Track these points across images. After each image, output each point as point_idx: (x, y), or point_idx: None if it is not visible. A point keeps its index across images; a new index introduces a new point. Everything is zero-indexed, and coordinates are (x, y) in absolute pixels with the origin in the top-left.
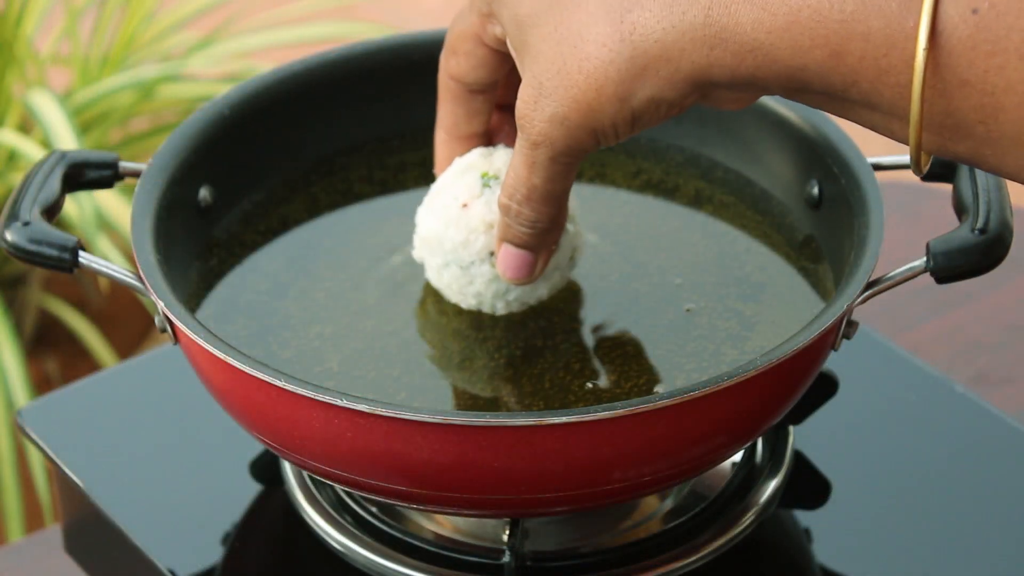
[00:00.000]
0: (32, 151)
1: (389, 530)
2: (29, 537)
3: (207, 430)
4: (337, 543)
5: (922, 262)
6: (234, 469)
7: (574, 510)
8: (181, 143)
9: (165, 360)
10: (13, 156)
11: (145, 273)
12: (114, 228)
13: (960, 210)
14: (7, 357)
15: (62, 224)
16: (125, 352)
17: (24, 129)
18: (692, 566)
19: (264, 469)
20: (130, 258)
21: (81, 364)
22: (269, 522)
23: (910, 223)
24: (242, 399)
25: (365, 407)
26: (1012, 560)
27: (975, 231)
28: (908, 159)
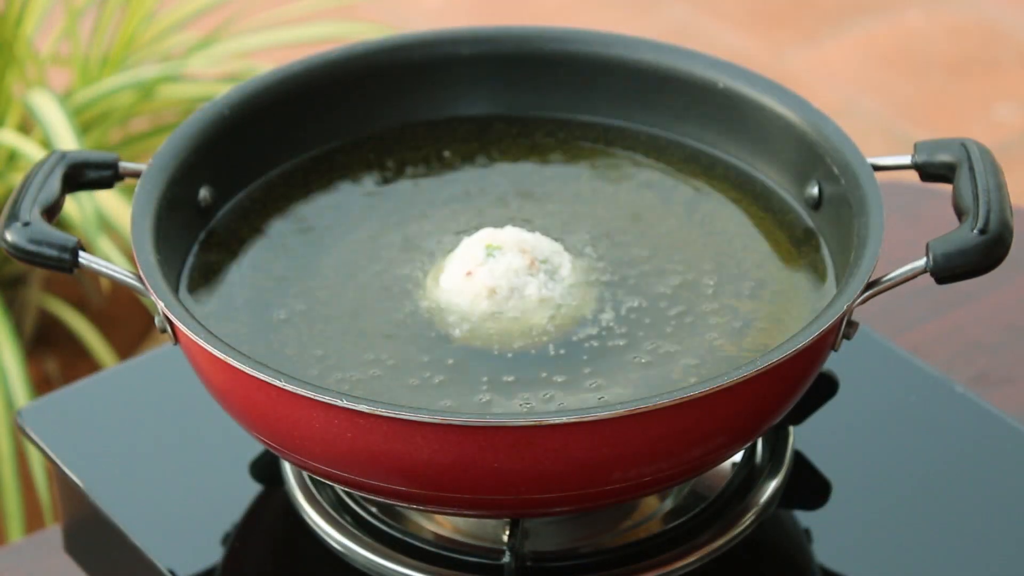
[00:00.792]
0: (32, 151)
1: (389, 530)
2: (29, 537)
3: (207, 430)
4: (337, 543)
5: (922, 262)
6: (234, 469)
7: (574, 510)
8: (181, 143)
9: (165, 360)
10: (13, 156)
11: (145, 273)
12: (115, 228)
13: (960, 210)
14: (7, 357)
15: (63, 225)
16: (125, 352)
17: (24, 129)
18: (692, 566)
19: (264, 469)
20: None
21: (81, 364)
22: (269, 522)
23: (910, 223)
24: (242, 399)
25: (365, 407)
26: (1012, 560)
27: (975, 231)
28: (908, 159)
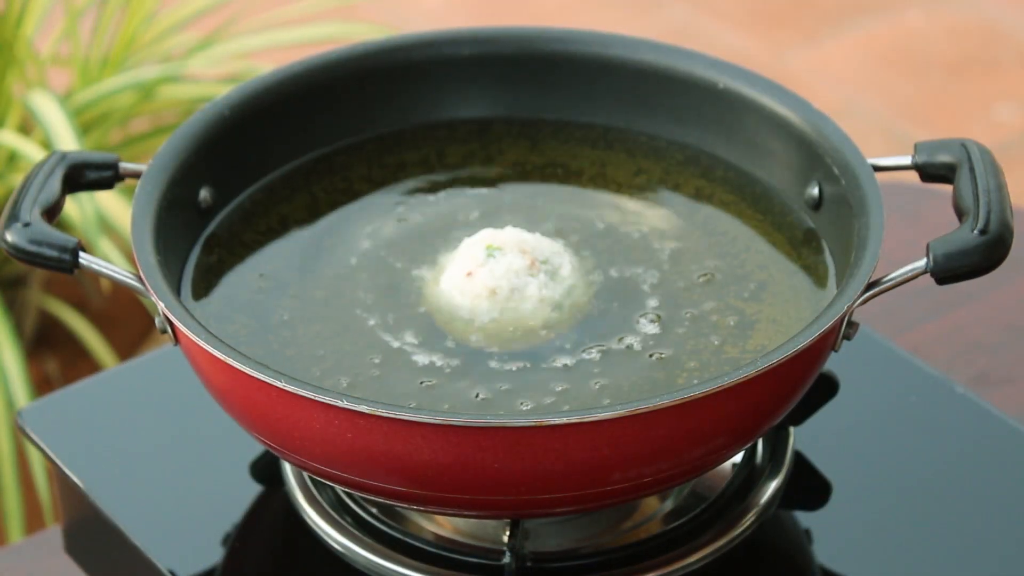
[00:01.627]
0: (32, 152)
1: (389, 531)
2: (29, 538)
3: (207, 431)
4: (337, 544)
5: (922, 263)
6: (234, 470)
7: (574, 511)
8: (181, 144)
9: (165, 361)
10: (13, 157)
11: (145, 274)
12: (115, 229)
13: (960, 211)
14: (7, 358)
15: (63, 225)
16: (125, 353)
17: (24, 130)
18: (692, 567)
19: (264, 470)
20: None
21: (81, 365)
22: (269, 523)
23: (910, 223)
24: (242, 400)
25: (365, 408)
26: (1012, 560)
27: (975, 232)
28: (909, 159)
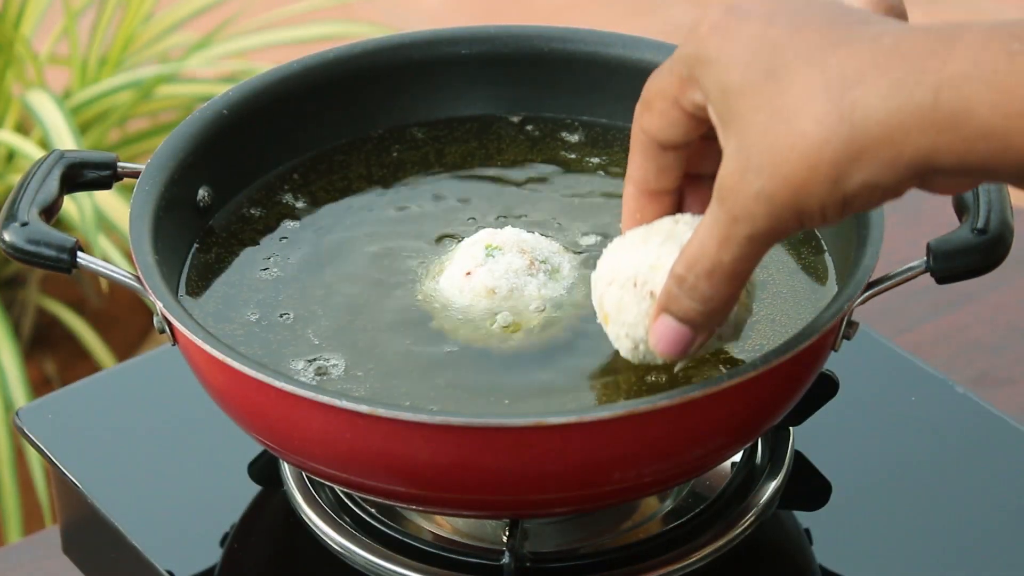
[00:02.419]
0: (30, 151)
1: (388, 531)
2: (28, 538)
3: (206, 431)
4: (336, 544)
5: (922, 262)
6: (233, 470)
7: (574, 511)
8: (180, 143)
9: (164, 361)
10: (12, 156)
11: (143, 274)
12: (113, 228)
13: (960, 210)
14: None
15: (61, 225)
16: (124, 353)
17: (23, 129)
18: (692, 567)
19: (263, 470)
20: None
21: (80, 365)
22: (268, 523)
23: (910, 223)
24: (241, 400)
25: (365, 408)
26: (1012, 560)
27: (975, 231)
28: None
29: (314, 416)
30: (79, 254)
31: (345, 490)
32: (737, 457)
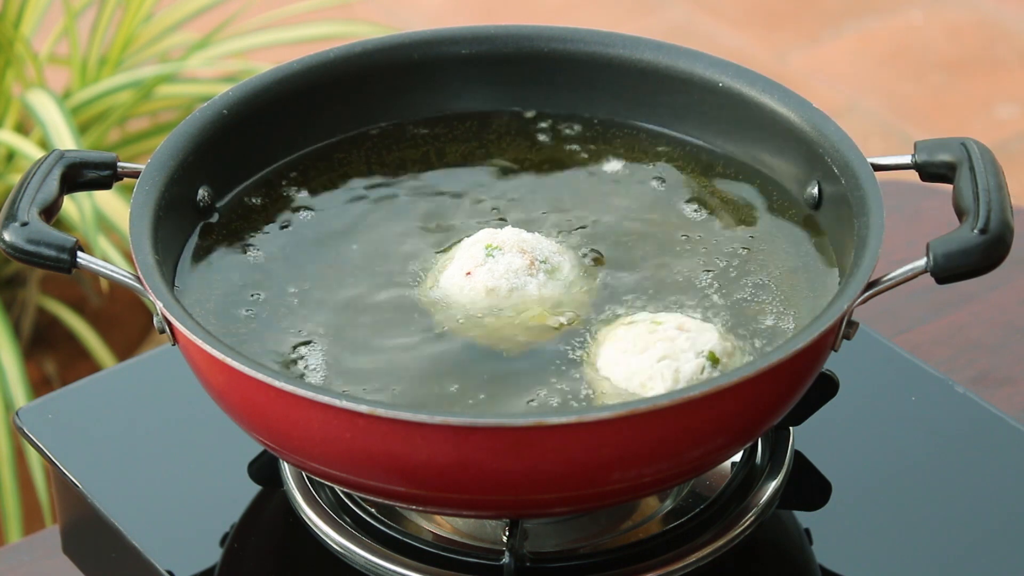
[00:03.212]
0: (30, 151)
1: (388, 531)
2: (28, 538)
3: (206, 431)
4: (336, 544)
5: (922, 262)
6: (233, 470)
7: (574, 511)
8: (179, 143)
9: (164, 361)
10: (12, 156)
11: (143, 274)
12: (113, 228)
13: (960, 210)
14: (6, 357)
15: (61, 225)
16: (124, 353)
17: (23, 129)
18: (692, 567)
19: (263, 470)
20: (129, 258)
21: (80, 365)
22: (268, 523)
23: (910, 223)
24: (241, 400)
25: (364, 408)
26: (1012, 560)
27: (975, 231)
28: (908, 159)
29: (314, 416)
30: (79, 254)
31: (345, 490)
32: (737, 457)
